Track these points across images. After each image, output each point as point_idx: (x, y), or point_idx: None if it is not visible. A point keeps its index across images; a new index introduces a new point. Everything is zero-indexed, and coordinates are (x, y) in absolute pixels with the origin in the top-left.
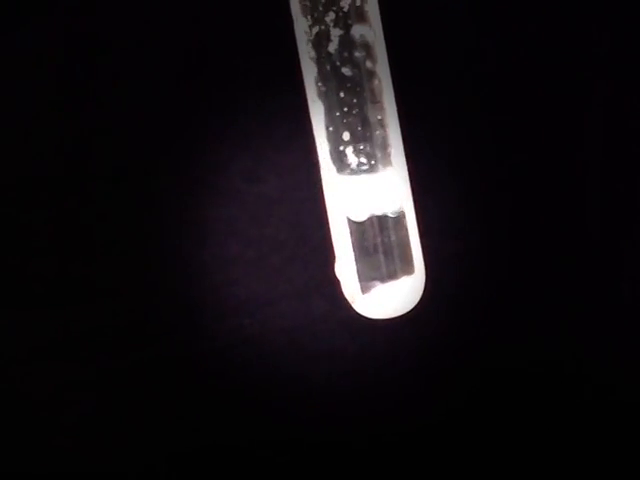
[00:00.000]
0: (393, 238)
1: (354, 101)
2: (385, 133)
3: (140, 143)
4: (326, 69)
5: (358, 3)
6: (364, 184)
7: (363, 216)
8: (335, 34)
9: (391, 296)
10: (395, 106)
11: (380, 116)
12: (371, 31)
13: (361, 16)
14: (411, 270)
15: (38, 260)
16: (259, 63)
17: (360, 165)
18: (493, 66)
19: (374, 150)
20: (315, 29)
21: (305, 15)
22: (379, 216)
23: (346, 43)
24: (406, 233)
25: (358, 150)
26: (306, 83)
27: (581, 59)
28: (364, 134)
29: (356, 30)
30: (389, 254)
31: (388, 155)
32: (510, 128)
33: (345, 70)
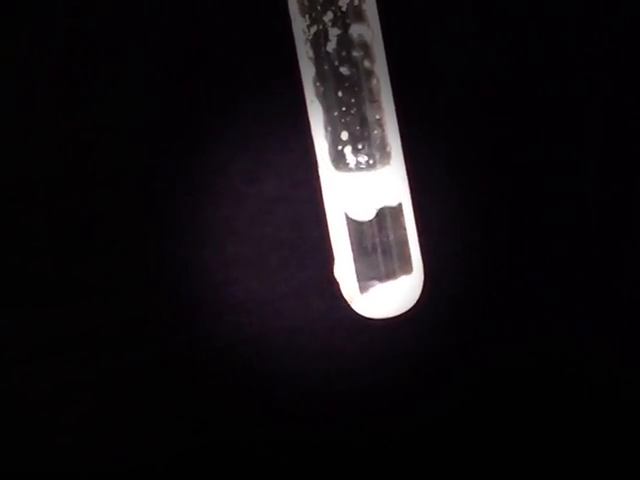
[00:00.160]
0: (392, 237)
1: (352, 101)
2: (383, 132)
3: (139, 143)
4: (324, 69)
5: (356, 3)
6: (363, 183)
7: (362, 215)
8: (333, 34)
9: (390, 296)
10: (393, 105)
11: (378, 115)
12: (369, 30)
13: (359, 15)
14: (410, 269)
15: (38, 260)
16: (257, 63)
17: (359, 164)
18: (492, 65)
19: (372, 149)
20: (313, 29)
21: (303, 15)
22: (378, 215)
23: (344, 43)
24: (404, 232)
25: (356, 149)
26: (304, 83)
27: (581, 59)
28: (362, 133)
29: (354, 29)
30: (388, 253)
31: (387, 154)
32: (509, 127)
33: (343, 70)
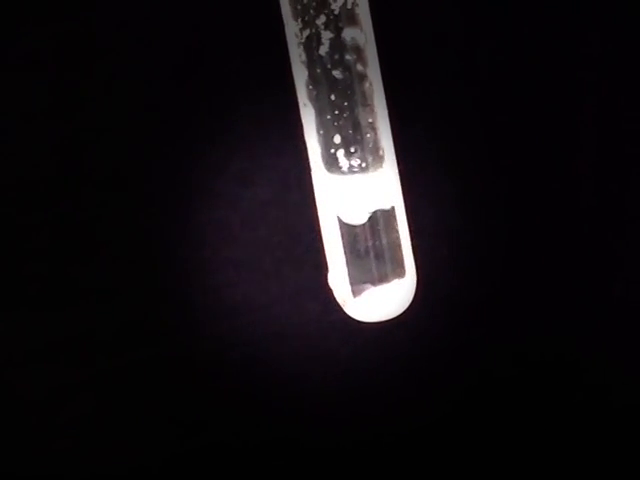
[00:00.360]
0: (384, 241)
1: (345, 104)
2: (376, 136)
3: (133, 146)
4: (317, 72)
5: (349, 6)
6: (355, 187)
7: (354, 219)
8: (326, 37)
9: (382, 299)
10: (386, 109)
11: (371, 119)
12: (362, 34)
13: (352, 19)
14: (402, 273)
15: (34, 262)
16: (250, 66)
17: (351, 168)
18: (485, 68)
19: (365, 153)
20: (306, 32)
21: (296, 18)
22: (370, 218)
23: (337, 46)
24: (397, 236)
25: (349, 153)
26: (297, 86)
27: (574, 60)
28: (355, 137)
29: (347, 33)
30: (380, 257)
31: (379, 158)
32: (502, 129)
33: (336, 73)
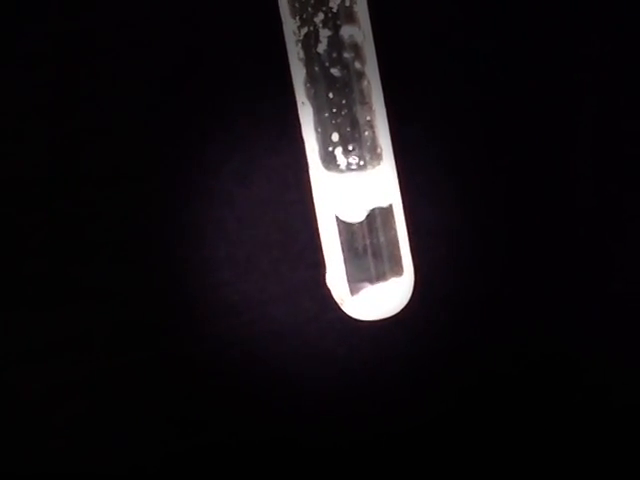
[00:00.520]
0: (382, 239)
1: (343, 102)
2: (374, 134)
3: (129, 146)
4: (315, 70)
5: (347, 4)
6: (353, 185)
7: (352, 217)
8: (324, 35)
9: (380, 298)
10: (384, 107)
11: (369, 117)
12: (360, 32)
13: (350, 17)
14: (400, 271)
15: (33, 261)
16: (247, 64)
17: (349, 166)
18: (484, 67)
19: (363, 151)
20: (304, 30)
21: (294, 16)
22: (368, 216)
23: (335, 44)
24: (395, 234)
25: (347, 151)
26: (295, 84)
27: (573, 60)
28: (353, 135)
29: (345, 31)
30: (378, 255)
31: (377, 156)
32: (501, 128)
33: (334, 71)
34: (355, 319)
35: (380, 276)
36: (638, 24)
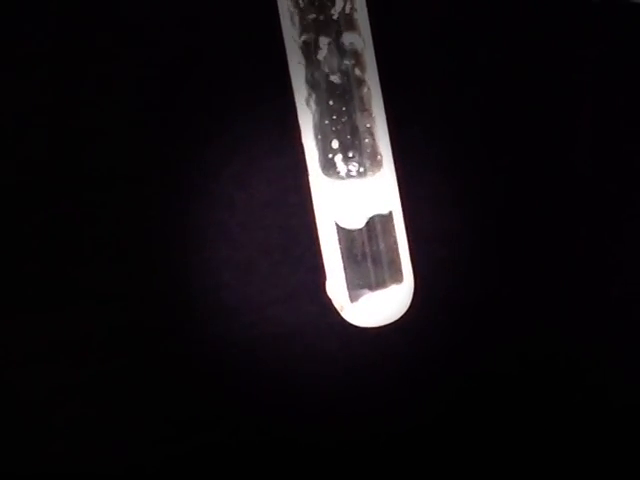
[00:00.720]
0: (382, 246)
1: (343, 109)
2: (374, 141)
3: (130, 148)
4: (315, 77)
5: (347, 11)
6: (353, 192)
7: (352, 223)
8: (324, 42)
9: (380, 304)
10: (384, 114)
11: (369, 124)
12: (360, 39)
13: (350, 24)
14: (400, 278)
15: (34, 263)
16: (249, 69)
17: (349, 173)
18: (484, 74)
19: (363, 158)
20: (304, 37)
21: (294, 23)
22: (368, 224)
23: (335, 51)
24: (395, 241)
25: (347, 158)
26: (295, 91)
27: (571, 62)
28: (353, 142)
29: (345, 38)
30: (378, 262)
31: (377, 162)
32: (500, 133)
33: (334, 78)
34: (355, 325)
35: (380, 283)
36: (636, 26)
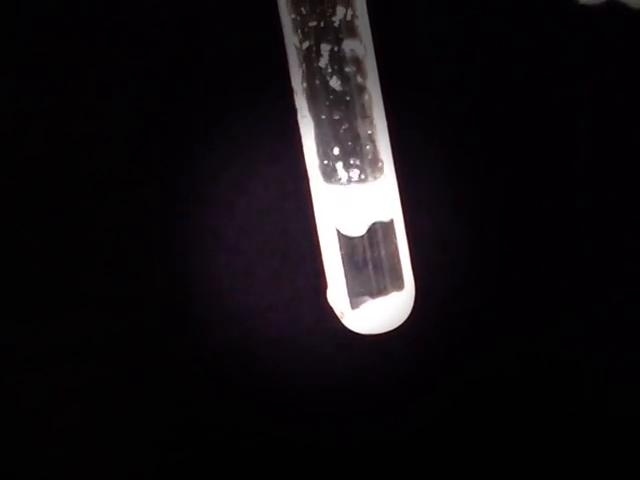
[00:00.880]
0: (383, 253)
1: (344, 116)
2: (375, 148)
3: (128, 153)
4: (316, 83)
5: (348, 18)
6: (354, 198)
7: (353, 231)
8: (325, 49)
9: (381, 312)
10: (385, 121)
11: (370, 131)
12: (361, 46)
13: (351, 31)
14: (401, 285)
15: (30, 268)
16: (248, 75)
17: (350, 179)
18: (484, 81)
19: (364, 165)
20: (305, 44)
21: (295, 30)
22: (369, 230)
23: (336, 58)
24: (396, 248)
25: (348, 165)
26: (295, 97)
27: (571, 66)
28: (354, 149)
29: (346, 45)
30: (379, 269)
31: (378, 169)
32: (502, 141)
33: (335, 85)
34: (355, 332)
35: (381, 290)
36: (636, 30)
